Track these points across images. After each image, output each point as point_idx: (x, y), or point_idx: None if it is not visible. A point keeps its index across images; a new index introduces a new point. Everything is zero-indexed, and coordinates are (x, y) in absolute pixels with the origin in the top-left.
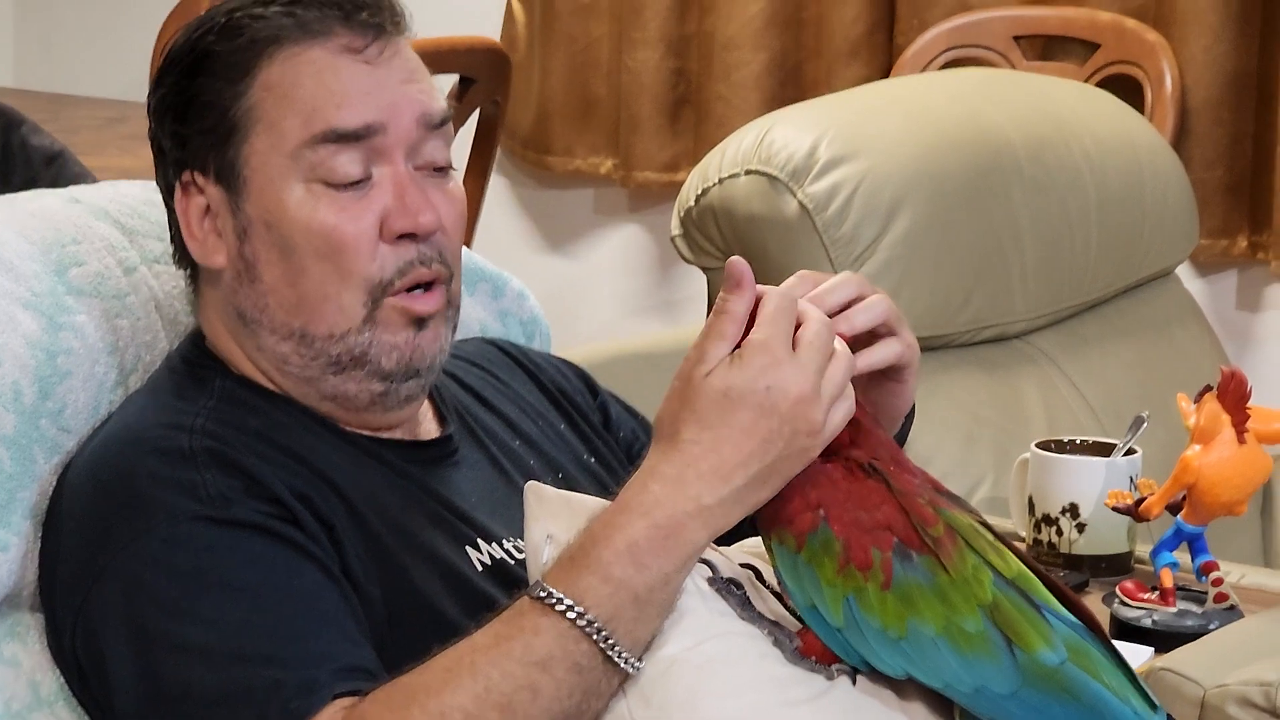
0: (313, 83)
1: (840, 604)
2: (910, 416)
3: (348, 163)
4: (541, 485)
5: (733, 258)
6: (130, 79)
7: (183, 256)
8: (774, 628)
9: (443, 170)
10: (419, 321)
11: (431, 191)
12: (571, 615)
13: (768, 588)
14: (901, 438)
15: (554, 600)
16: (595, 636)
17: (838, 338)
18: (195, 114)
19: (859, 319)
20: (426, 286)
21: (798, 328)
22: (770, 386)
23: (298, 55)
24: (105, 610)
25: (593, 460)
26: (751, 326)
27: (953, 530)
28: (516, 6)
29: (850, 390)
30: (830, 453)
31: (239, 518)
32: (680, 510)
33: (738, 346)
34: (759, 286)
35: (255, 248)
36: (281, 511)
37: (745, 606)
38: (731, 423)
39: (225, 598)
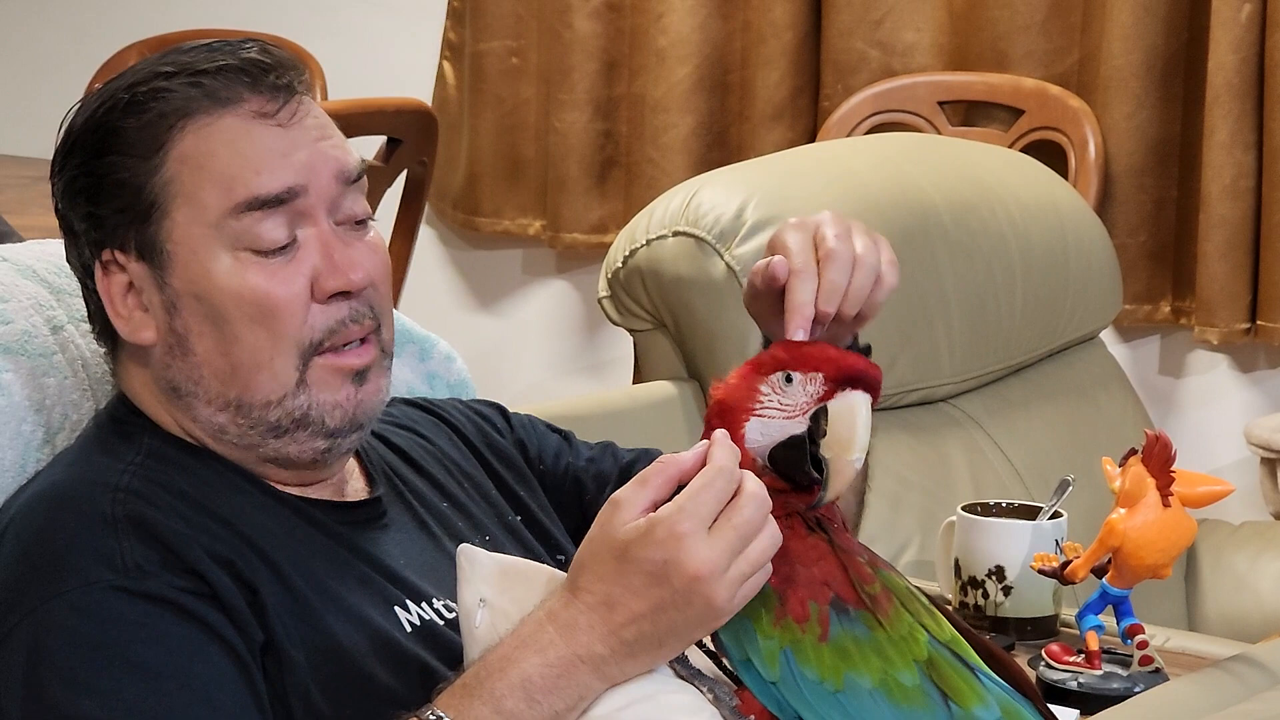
0: (228, 152)
1: (776, 657)
2: None
3: (272, 228)
4: (474, 548)
5: (718, 435)
6: (54, 138)
7: (103, 332)
8: (713, 685)
9: (362, 222)
10: (358, 376)
11: (356, 245)
12: None
13: (702, 647)
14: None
15: None
16: None
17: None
18: (109, 193)
19: (860, 281)
20: (360, 340)
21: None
22: (667, 560)
23: (209, 125)
24: (8, 671)
25: (518, 519)
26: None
27: (889, 590)
28: (448, 68)
29: (768, 568)
30: (776, 505)
31: (152, 591)
32: (572, 654)
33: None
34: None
35: (186, 321)
36: (197, 585)
37: (684, 664)
38: (624, 584)
39: (124, 674)
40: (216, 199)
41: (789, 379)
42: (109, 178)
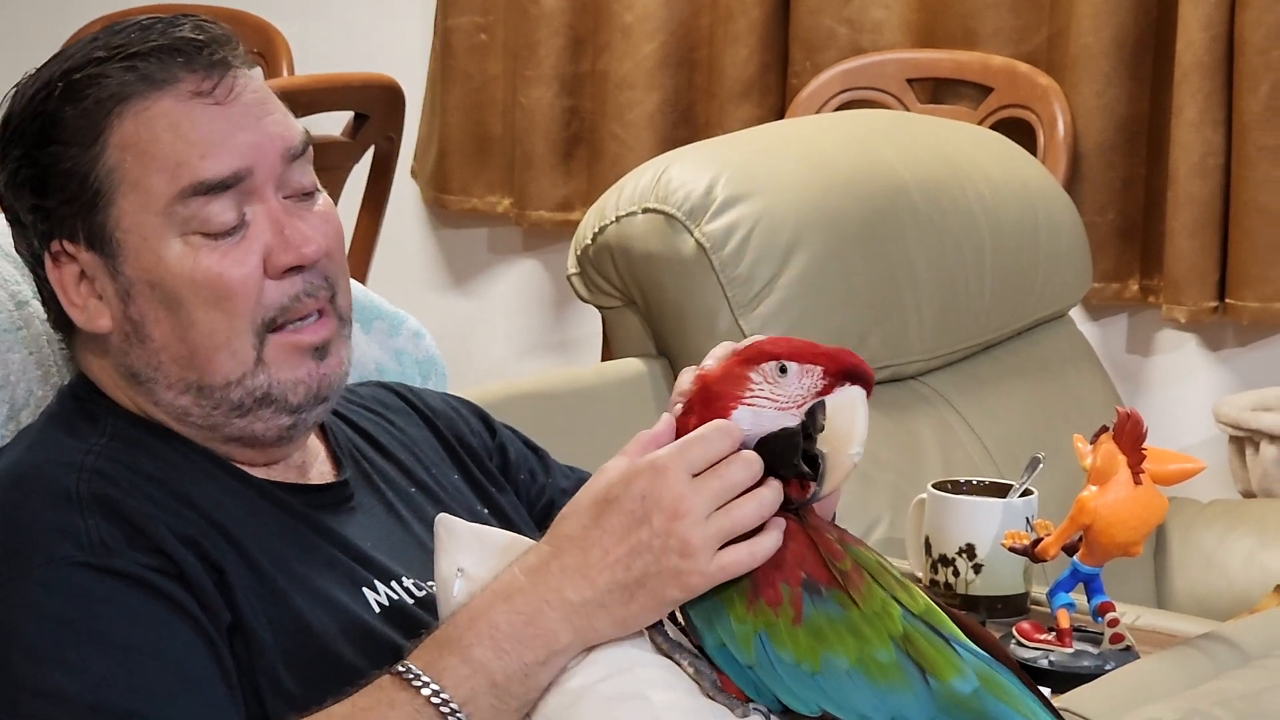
0: (170, 136)
1: (751, 641)
2: None
3: (221, 211)
4: (452, 518)
5: (719, 426)
6: None
7: (58, 319)
8: (694, 659)
9: (310, 193)
10: (318, 351)
11: (306, 217)
12: (427, 693)
13: (676, 623)
14: None
15: (412, 676)
16: (450, 718)
17: (776, 487)
18: (53, 184)
19: None
20: (316, 313)
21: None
22: (645, 496)
23: (148, 109)
24: None
25: (485, 511)
26: None
27: (860, 566)
28: (438, 45)
29: (767, 541)
30: None
31: (118, 568)
32: (540, 599)
33: None
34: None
35: (141, 308)
36: (163, 564)
37: (664, 636)
38: (603, 524)
39: (94, 648)
40: (163, 185)
41: (783, 370)
42: (53, 169)
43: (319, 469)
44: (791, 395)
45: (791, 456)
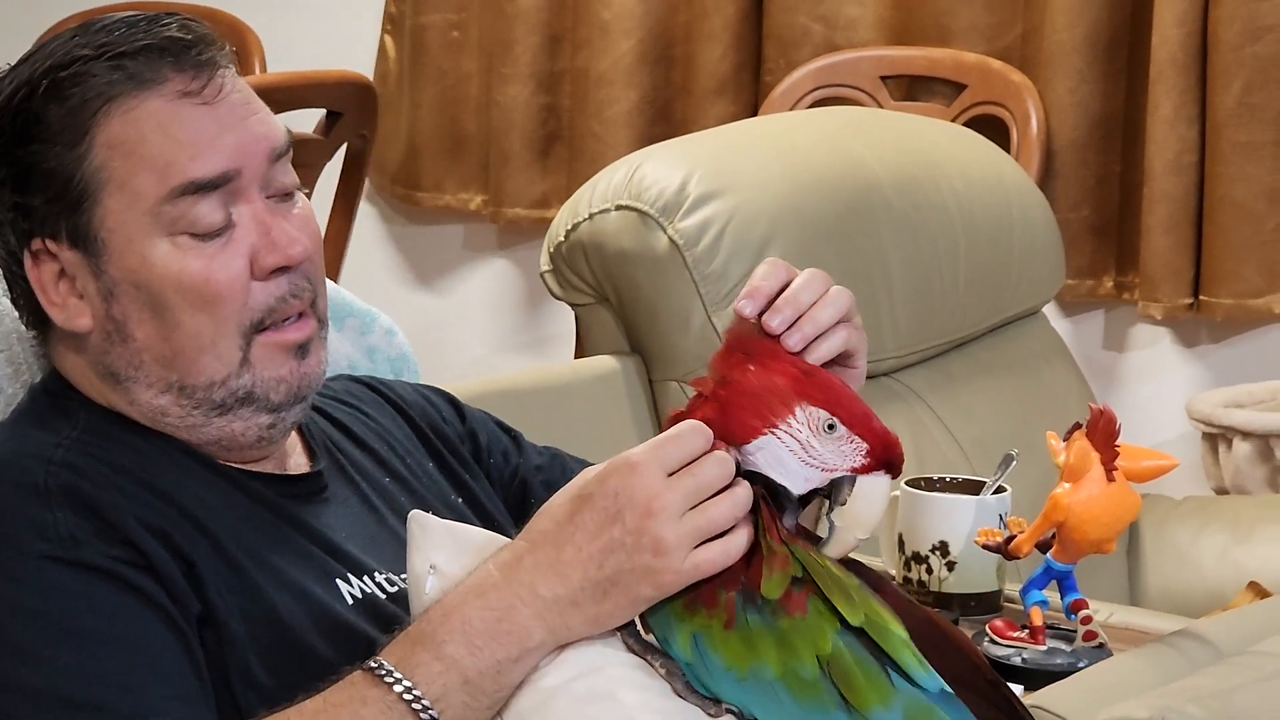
0: (159, 136)
1: (688, 639)
2: None
3: (209, 211)
4: (425, 514)
5: (694, 426)
6: None
7: (33, 318)
8: (665, 659)
9: (290, 194)
10: (300, 350)
11: (289, 218)
12: (399, 689)
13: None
14: None
15: (384, 673)
16: (423, 714)
17: (747, 487)
18: (36, 183)
19: (824, 315)
20: (298, 314)
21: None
22: (619, 493)
23: (135, 108)
24: None
25: (460, 501)
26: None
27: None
28: (389, 41)
29: (739, 538)
30: None
31: (86, 560)
32: (513, 595)
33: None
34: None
35: (124, 308)
36: (132, 556)
37: (636, 638)
38: (577, 521)
39: (63, 641)
40: (151, 185)
41: (831, 427)
42: (36, 167)
43: (295, 460)
44: (825, 458)
45: (776, 502)
